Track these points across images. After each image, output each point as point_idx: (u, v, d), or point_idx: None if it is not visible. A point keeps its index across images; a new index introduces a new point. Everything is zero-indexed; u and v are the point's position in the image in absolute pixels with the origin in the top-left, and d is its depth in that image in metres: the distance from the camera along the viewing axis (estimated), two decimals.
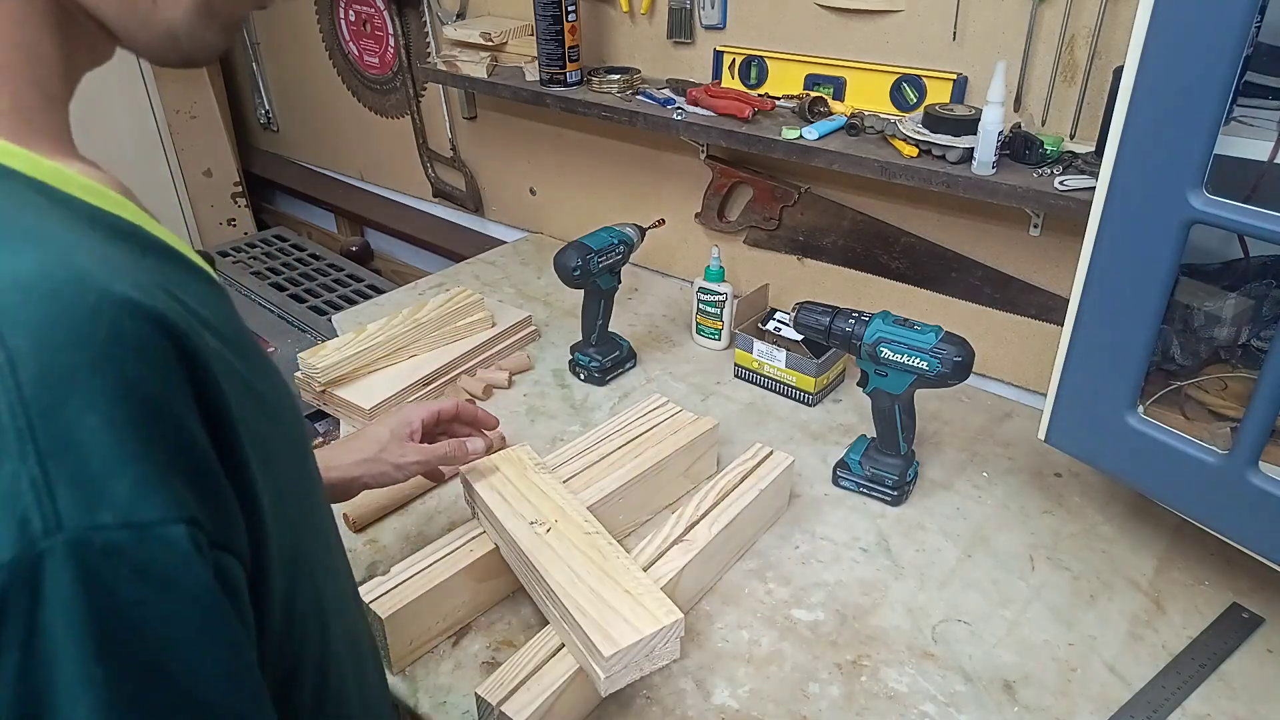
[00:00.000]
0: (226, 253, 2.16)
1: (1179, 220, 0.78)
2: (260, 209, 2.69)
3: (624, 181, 1.71)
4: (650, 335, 1.50)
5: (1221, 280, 1.00)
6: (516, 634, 0.91)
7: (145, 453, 0.33)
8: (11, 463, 0.31)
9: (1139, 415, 0.89)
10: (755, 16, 1.38)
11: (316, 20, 2.18)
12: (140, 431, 0.33)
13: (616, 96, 1.47)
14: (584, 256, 1.24)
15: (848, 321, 1.05)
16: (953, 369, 0.98)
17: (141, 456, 0.33)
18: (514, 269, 1.76)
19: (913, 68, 1.25)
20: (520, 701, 0.75)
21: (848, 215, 1.43)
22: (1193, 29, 0.73)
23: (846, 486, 1.12)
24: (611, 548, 0.87)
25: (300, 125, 2.48)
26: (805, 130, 1.26)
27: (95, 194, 0.42)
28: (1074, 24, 1.10)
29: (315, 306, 1.87)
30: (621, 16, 1.54)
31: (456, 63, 1.67)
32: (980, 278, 1.32)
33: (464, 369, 1.37)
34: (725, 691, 0.85)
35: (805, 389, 1.29)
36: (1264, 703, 0.84)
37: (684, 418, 1.11)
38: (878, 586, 0.98)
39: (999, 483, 1.14)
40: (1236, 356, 1.00)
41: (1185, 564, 1.00)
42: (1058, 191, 1.06)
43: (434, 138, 2.05)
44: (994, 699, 0.84)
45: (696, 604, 0.95)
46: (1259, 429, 0.79)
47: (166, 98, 2.27)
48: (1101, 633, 0.92)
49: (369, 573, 0.97)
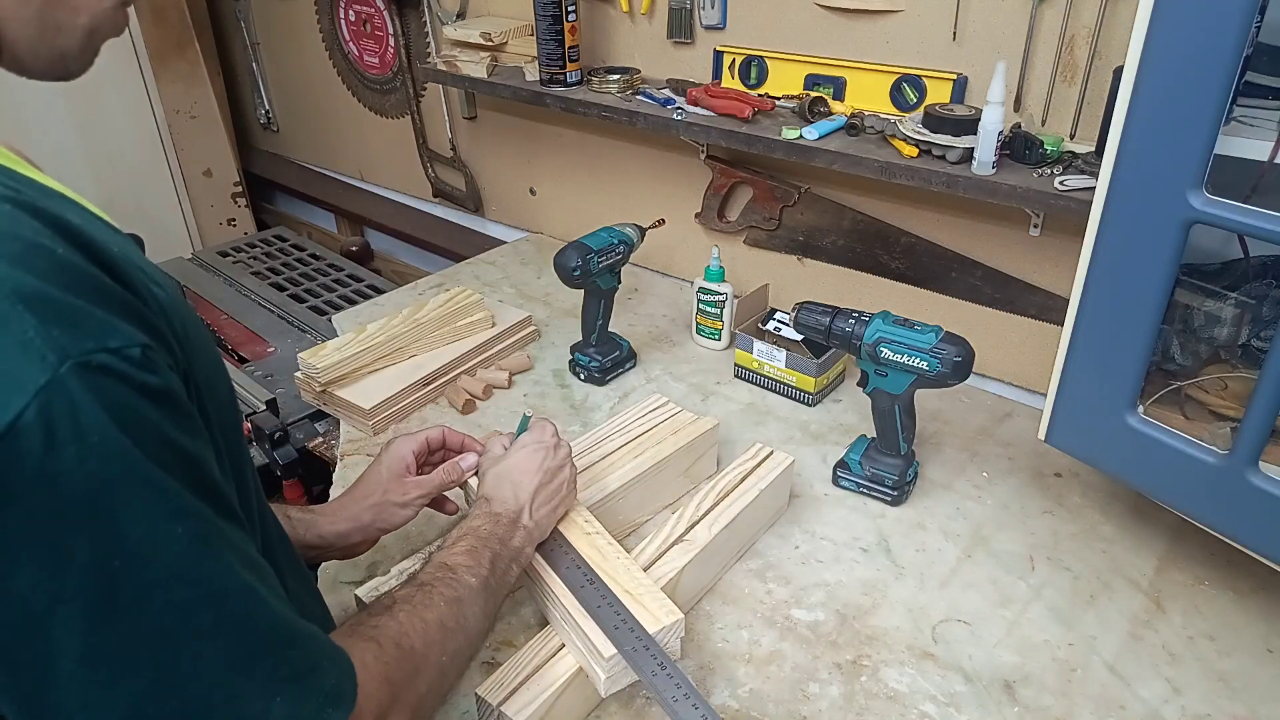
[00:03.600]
0: (226, 253, 2.15)
1: (1179, 220, 0.78)
2: (260, 209, 2.69)
3: (624, 181, 1.71)
4: (650, 335, 1.50)
5: (1221, 280, 1.00)
6: (516, 634, 0.91)
7: (98, 303, 0.46)
8: (17, 322, 0.43)
9: (1139, 415, 0.89)
10: (755, 16, 1.38)
11: (316, 20, 2.18)
12: (90, 293, 0.46)
13: (616, 96, 1.47)
14: (584, 256, 1.24)
15: (848, 321, 1.05)
16: (953, 369, 0.98)
17: (97, 305, 0.46)
18: (514, 269, 1.76)
19: (913, 68, 1.25)
20: (520, 701, 0.75)
21: (848, 215, 1.43)
22: (1193, 29, 0.73)
23: (846, 486, 1.12)
24: (612, 548, 0.87)
25: (300, 125, 2.48)
26: (805, 130, 1.26)
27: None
28: (1074, 24, 1.10)
29: (315, 306, 1.87)
30: (621, 16, 1.54)
31: (456, 63, 1.67)
32: (980, 278, 1.32)
33: (464, 369, 1.37)
34: (725, 691, 0.85)
35: (805, 389, 1.29)
36: (1264, 703, 0.84)
37: (684, 418, 1.11)
38: (878, 586, 0.98)
39: (999, 483, 1.14)
40: (1236, 356, 1.00)
41: (1185, 564, 1.00)
42: (1058, 191, 1.06)
43: (434, 138, 2.05)
44: (994, 699, 0.84)
45: (696, 604, 0.95)
46: (1259, 429, 0.79)
47: (166, 98, 2.28)
48: (1101, 633, 0.92)
49: (369, 573, 0.97)
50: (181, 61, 2.32)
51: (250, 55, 2.45)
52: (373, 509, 0.90)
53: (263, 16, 2.37)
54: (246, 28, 2.41)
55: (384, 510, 0.91)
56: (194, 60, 2.34)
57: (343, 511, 0.91)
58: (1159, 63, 0.76)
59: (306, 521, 0.88)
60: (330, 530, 0.89)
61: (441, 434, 0.97)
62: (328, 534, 0.89)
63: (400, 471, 0.92)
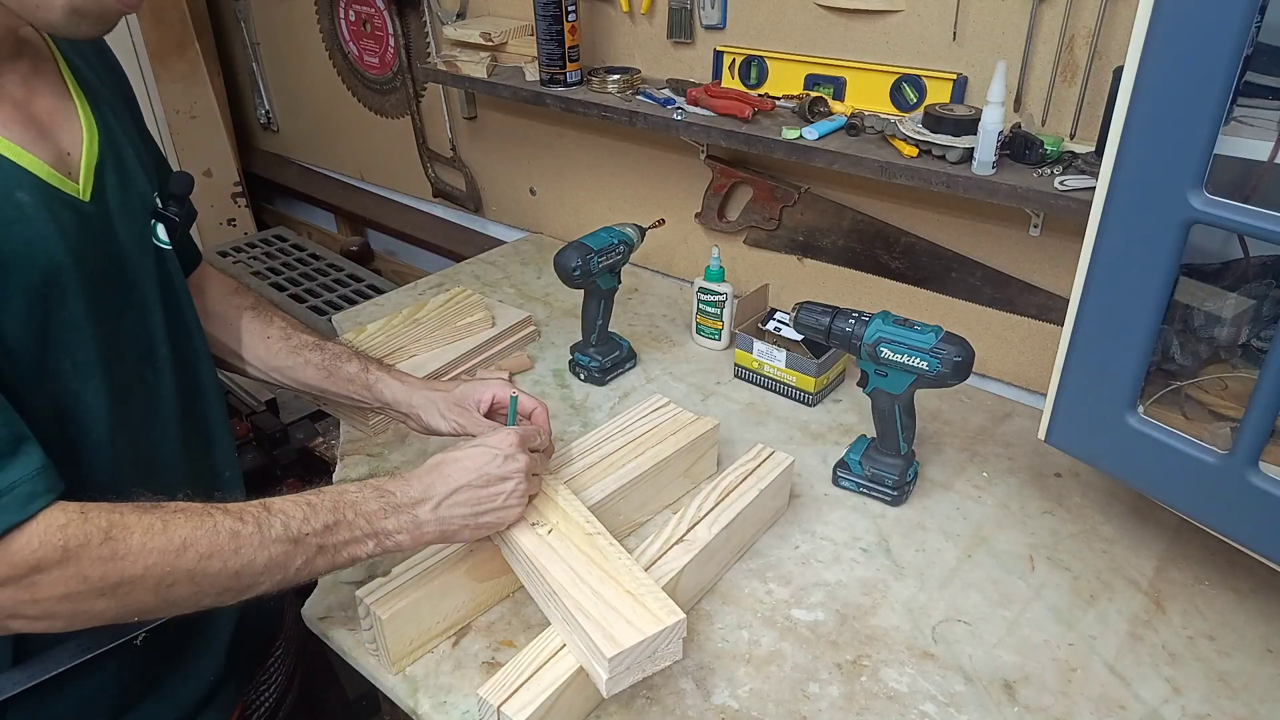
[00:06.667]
0: (226, 253, 2.16)
1: (1179, 220, 0.78)
2: (260, 209, 2.70)
3: (624, 181, 1.71)
4: (650, 335, 1.50)
5: (1221, 280, 1.00)
6: (517, 634, 0.91)
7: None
8: None
9: (1139, 415, 0.89)
10: (755, 16, 1.38)
11: (316, 20, 2.18)
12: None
13: (616, 96, 1.47)
14: (584, 256, 1.24)
15: (848, 321, 1.05)
16: (953, 369, 0.98)
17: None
18: (514, 269, 1.76)
19: (913, 68, 1.25)
20: (520, 701, 0.75)
21: (848, 215, 1.43)
22: (1193, 29, 0.73)
23: (846, 486, 1.12)
24: (613, 548, 0.87)
25: (300, 125, 2.48)
26: (805, 130, 1.26)
27: None
28: (1074, 24, 1.10)
29: (315, 306, 1.88)
30: (621, 16, 1.54)
31: (456, 63, 1.67)
32: (980, 278, 1.32)
33: (464, 369, 1.37)
34: (725, 691, 0.85)
35: (805, 389, 1.29)
36: (1264, 703, 0.84)
37: (684, 418, 1.11)
38: (878, 586, 0.98)
39: (999, 483, 1.14)
40: (1236, 356, 1.00)
41: (1185, 564, 1.00)
42: (1058, 191, 1.06)
43: (434, 138, 2.05)
44: (994, 699, 0.85)
45: (696, 604, 0.95)
46: (1259, 429, 0.79)
47: (166, 98, 2.28)
48: (1101, 633, 0.92)
49: (369, 573, 0.97)
50: (181, 61, 2.32)
51: (250, 55, 2.45)
52: (424, 398, 1.01)
53: (263, 16, 2.37)
54: (246, 28, 2.41)
55: (430, 407, 1.00)
56: (194, 60, 2.34)
57: (405, 384, 1.03)
58: (1159, 63, 0.76)
59: (378, 378, 1.03)
60: (387, 394, 1.02)
61: (529, 403, 1.01)
62: (385, 396, 1.02)
63: (469, 401, 1.00)
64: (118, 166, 0.78)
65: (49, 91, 0.74)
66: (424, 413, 1.01)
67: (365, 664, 0.89)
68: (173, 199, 0.85)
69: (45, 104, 0.74)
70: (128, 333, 0.78)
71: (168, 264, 0.84)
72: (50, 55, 0.77)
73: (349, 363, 1.03)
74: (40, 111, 0.73)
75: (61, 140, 0.74)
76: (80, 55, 0.80)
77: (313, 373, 1.02)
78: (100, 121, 0.77)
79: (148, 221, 0.81)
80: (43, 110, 0.73)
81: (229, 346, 1.01)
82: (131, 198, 0.79)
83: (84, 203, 0.73)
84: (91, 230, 0.73)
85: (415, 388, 1.03)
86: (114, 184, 0.77)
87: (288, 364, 1.02)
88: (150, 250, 0.81)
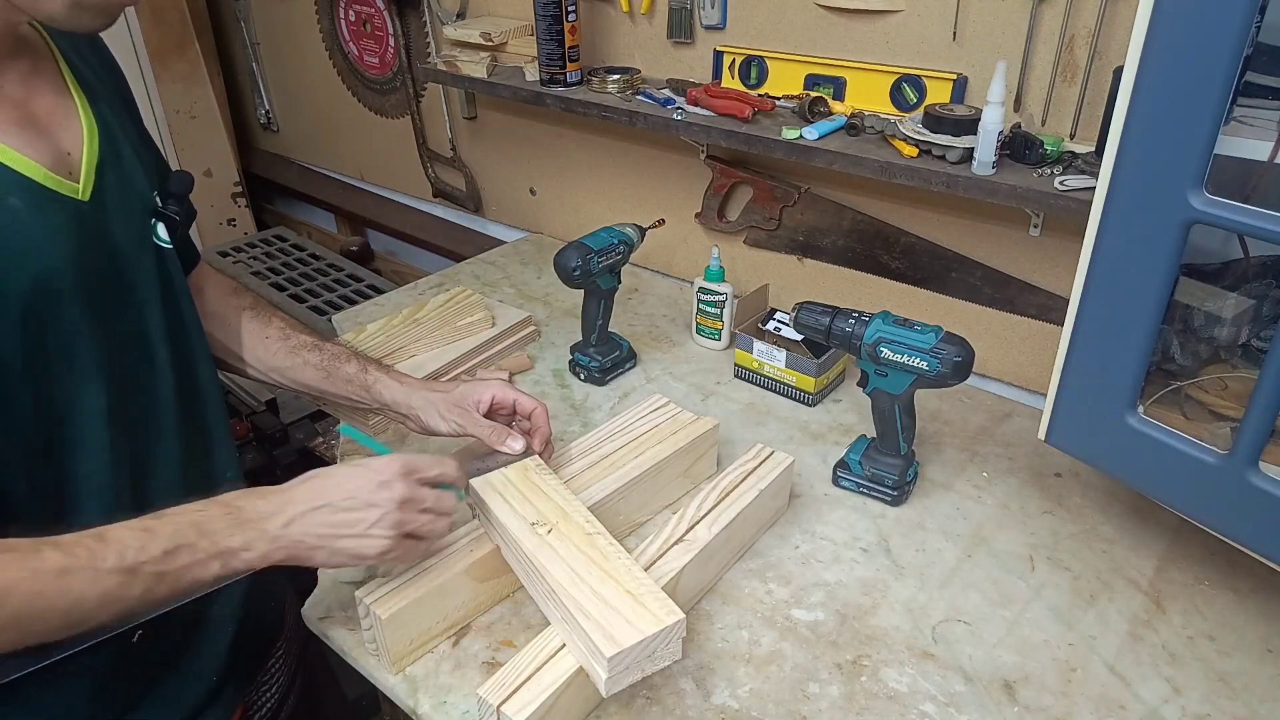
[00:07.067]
0: (226, 253, 2.16)
1: (1179, 220, 0.78)
2: (260, 209, 2.70)
3: (624, 181, 1.72)
4: (650, 335, 1.50)
5: (1221, 280, 1.00)
6: (517, 634, 0.91)
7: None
8: None
9: (1139, 415, 0.89)
10: (755, 16, 1.38)
11: (316, 20, 2.18)
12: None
13: (616, 96, 1.47)
14: (584, 256, 1.24)
15: (848, 321, 1.05)
16: (953, 369, 0.98)
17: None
18: (514, 269, 1.76)
19: (913, 68, 1.25)
20: (520, 701, 0.75)
21: (848, 215, 1.43)
22: (1193, 29, 0.73)
23: (846, 486, 1.12)
24: (613, 548, 0.86)
25: (300, 125, 2.48)
26: (805, 130, 1.26)
27: None
28: (1074, 24, 1.10)
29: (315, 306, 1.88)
30: (621, 16, 1.54)
31: (456, 63, 1.67)
32: (980, 278, 1.32)
33: (464, 369, 1.37)
34: (725, 691, 0.85)
35: (805, 389, 1.29)
36: (1264, 703, 0.84)
37: (684, 418, 1.11)
38: (878, 586, 0.98)
39: (999, 483, 1.14)
40: (1236, 356, 1.00)
41: (1185, 564, 1.00)
42: (1058, 191, 1.06)
43: (434, 138, 2.05)
44: (994, 699, 0.85)
45: (696, 604, 0.95)
46: (1259, 429, 0.79)
47: (166, 98, 2.28)
48: (1101, 633, 0.92)
49: (369, 573, 0.97)
50: (181, 61, 2.32)
51: (250, 55, 2.45)
52: (423, 399, 1.01)
53: (263, 16, 2.37)
54: (246, 28, 2.41)
55: (429, 408, 1.00)
56: (194, 60, 2.34)
57: (403, 384, 1.02)
58: (1159, 63, 0.76)
59: (376, 379, 1.02)
60: (386, 395, 1.02)
61: (529, 404, 1.01)
62: (384, 397, 1.02)
63: (469, 401, 0.99)
64: (117, 165, 0.78)
65: (49, 90, 0.74)
66: (423, 413, 1.01)
67: (365, 664, 0.89)
68: (172, 198, 0.85)
69: (45, 103, 0.73)
70: (126, 333, 0.78)
71: (168, 263, 0.84)
72: (49, 54, 0.77)
73: (347, 363, 1.03)
74: (40, 111, 0.73)
75: (61, 140, 0.73)
76: (79, 54, 0.80)
77: (311, 373, 1.02)
78: (100, 120, 0.77)
79: (147, 221, 0.81)
80: (42, 109, 0.73)
81: (228, 347, 1.01)
82: (131, 197, 0.79)
83: (82, 203, 0.73)
84: (89, 231, 0.73)
85: (414, 388, 1.03)
86: (113, 183, 0.77)
87: (286, 364, 1.02)
88: (150, 250, 0.81)
